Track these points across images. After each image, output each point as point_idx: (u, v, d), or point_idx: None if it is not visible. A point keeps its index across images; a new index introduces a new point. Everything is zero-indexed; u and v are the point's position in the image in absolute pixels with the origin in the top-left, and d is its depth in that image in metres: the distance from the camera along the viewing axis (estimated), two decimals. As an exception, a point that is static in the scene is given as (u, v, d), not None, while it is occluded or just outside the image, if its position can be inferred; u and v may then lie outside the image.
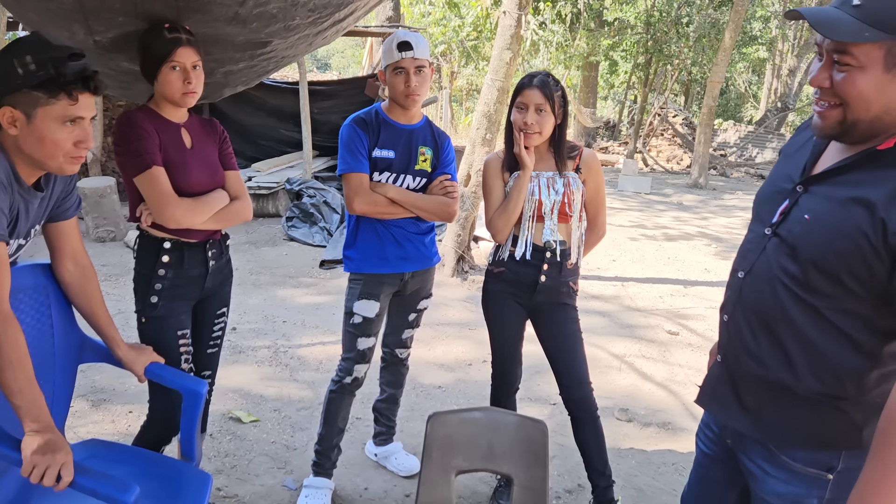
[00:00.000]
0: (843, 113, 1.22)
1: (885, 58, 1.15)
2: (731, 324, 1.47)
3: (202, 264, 2.25)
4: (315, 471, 2.71)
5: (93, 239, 6.96)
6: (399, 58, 2.39)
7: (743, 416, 1.43)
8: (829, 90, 1.23)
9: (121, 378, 3.64)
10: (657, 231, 8.53)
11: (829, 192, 1.28)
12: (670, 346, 4.76)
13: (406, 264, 2.58)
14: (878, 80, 1.17)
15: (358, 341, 2.58)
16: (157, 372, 2.05)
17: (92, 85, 1.59)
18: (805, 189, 1.33)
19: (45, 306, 1.97)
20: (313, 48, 2.83)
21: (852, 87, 1.19)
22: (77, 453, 1.82)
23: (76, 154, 1.62)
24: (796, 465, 1.35)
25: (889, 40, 1.14)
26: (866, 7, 1.15)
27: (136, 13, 1.97)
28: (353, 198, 2.44)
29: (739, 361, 1.43)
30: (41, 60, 1.52)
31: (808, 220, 1.29)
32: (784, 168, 1.44)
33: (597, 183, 2.51)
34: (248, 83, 2.89)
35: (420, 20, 16.03)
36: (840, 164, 1.28)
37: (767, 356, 1.37)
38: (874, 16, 1.14)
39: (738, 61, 20.00)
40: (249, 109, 10.07)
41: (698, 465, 1.68)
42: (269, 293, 5.57)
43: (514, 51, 5.73)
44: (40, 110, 1.55)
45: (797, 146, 1.46)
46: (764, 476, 1.41)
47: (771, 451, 1.40)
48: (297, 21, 2.29)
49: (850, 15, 1.16)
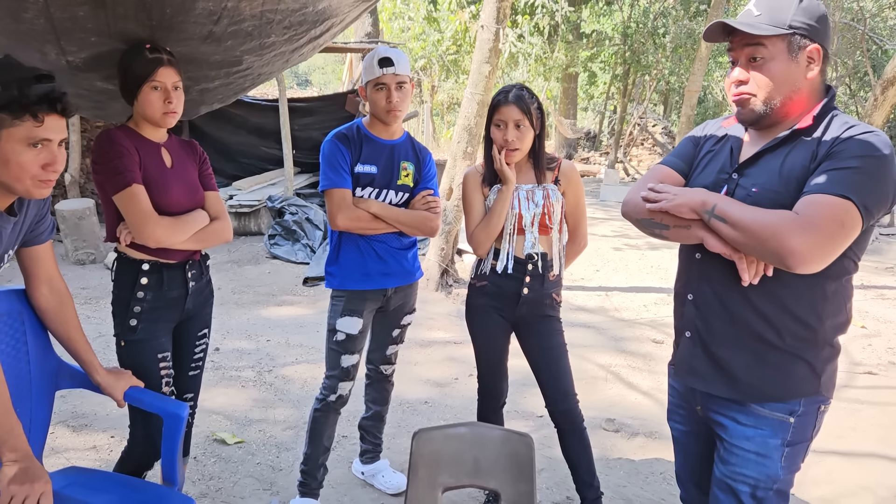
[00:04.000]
0: (758, 96, 1.54)
1: (788, 48, 1.51)
2: (698, 301, 1.68)
3: (182, 285, 2.22)
4: (301, 491, 2.67)
5: (72, 261, 6.88)
6: (380, 74, 2.40)
7: (721, 382, 1.65)
8: (748, 82, 1.55)
9: (102, 403, 3.58)
10: (640, 240, 8.56)
11: (765, 168, 1.57)
12: (655, 355, 4.77)
13: (389, 280, 2.57)
14: (785, 65, 1.51)
15: (342, 359, 2.56)
16: (136, 396, 2.02)
17: (59, 106, 1.55)
18: (740, 174, 1.61)
19: (21, 332, 1.93)
20: (290, 65, 2.82)
21: (767, 73, 1.52)
22: (56, 482, 1.78)
23: (44, 177, 1.58)
24: (764, 410, 1.59)
25: (787, 34, 1.50)
26: (765, 14, 1.52)
27: (109, 33, 1.95)
28: (335, 213, 2.44)
29: (714, 333, 1.65)
30: (6, 82, 1.49)
31: (755, 192, 1.55)
32: (710, 168, 1.70)
33: (576, 194, 2.51)
34: (225, 101, 2.87)
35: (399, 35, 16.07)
36: (769, 146, 1.57)
37: (742, 321, 1.59)
38: (772, 19, 1.51)
39: (715, 70, 20.20)
40: (230, 127, 10.05)
41: (680, 445, 1.92)
42: (252, 312, 5.53)
43: (493, 64, 5.76)
44: (4, 132, 1.51)
45: (705, 153, 1.75)
46: (734, 425, 1.64)
47: (742, 404, 1.62)
48: (273, 39, 2.28)
49: (757, 21, 1.52)
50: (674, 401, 1.90)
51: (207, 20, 1.99)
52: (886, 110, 6.82)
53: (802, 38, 1.50)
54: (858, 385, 4.29)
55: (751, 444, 1.61)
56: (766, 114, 1.56)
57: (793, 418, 1.58)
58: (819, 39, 1.51)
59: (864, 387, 4.26)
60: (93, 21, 1.87)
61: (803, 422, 1.59)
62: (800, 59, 1.51)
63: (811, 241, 1.39)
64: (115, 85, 2.13)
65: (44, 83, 1.53)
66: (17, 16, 1.79)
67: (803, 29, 1.50)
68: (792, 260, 1.40)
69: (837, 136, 1.48)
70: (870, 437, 3.55)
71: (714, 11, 12.81)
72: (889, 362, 4.71)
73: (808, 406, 1.58)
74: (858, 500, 2.94)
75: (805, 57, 1.51)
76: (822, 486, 3.00)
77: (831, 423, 1.72)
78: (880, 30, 16.45)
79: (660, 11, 16.23)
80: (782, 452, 1.59)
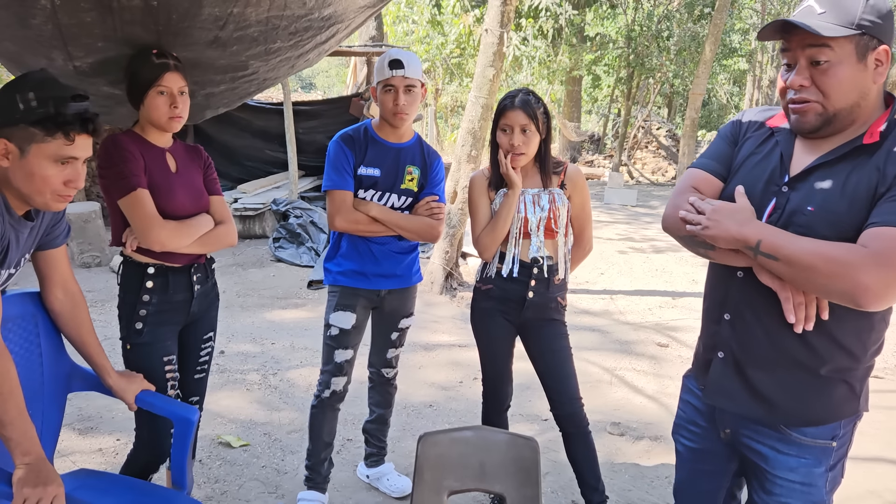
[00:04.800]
0: (823, 105, 1.38)
1: (856, 50, 1.34)
2: (736, 321, 1.56)
3: (187, 289, 2.23)
4: (308, 485, 2.70)
5: (78, 265, 6.90)
6: (389, 75, 2.40)
7: (756, 405, 1.54)
8: (809, 88, 1.39)
9: (107, 406, 3.60)
10: (645, 243, 8.56)
11: (824, 185, 1.41)
12: (660, 359, 4.76)
13: (383, 282, 2.59)
14: (853, 69, 1.35)
15: (335, 353, 2.58)
16: (147, 400, 2.03)
17: (91, 127, 1.59)
18: (792, 188, 1.46)
19: (34, 335, 1.95)
20: (296, 70, 2.83)
21: (833, 79, 1.36)
22: (67, 484, 1.78)
23: (64, 193, 1.62)
24: (806, 439, 1.50)
25: (856, 35, 1.33)
26: (830, 12, 1.35)
27: (116, 38, 1.96)
28: (334, 215, 2.47)
29: (751, 356, 1.54)
30: (43, 98, 1.53)
31: (811, 211, 1.40)
32: (755, 174, 1.54)
33: (582, 198, 2.51)
34: (230, 105, 2.88)
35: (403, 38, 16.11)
36: (828, 159, 1.42)
37: (784, 347, 1.48)
38: (839, 18, 1.34)
39: (719, 73, 20.21)
40: (234, 131, 10.06)
41: (686, 461, 1.79)
42: (257, 315, 5.54)
43: (497, 67, 5.77)
44: (34, 146, 1.54)
45: (747, 153, 1.60)
46: (776, 455, 1.54)
47: (781, 431, 1.52)
48: (279, 44, 2.29)
49: (821, 20, 1.35)
50: (686, 416, 1.78)
51: (213, 25, 2.00)
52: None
53: (871, 38, 1.34)
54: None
55: (795, 474, 1.53)
56: (829, 123, 1.40)
57: (835, 442, 1.50)
58: (887, 39, 1.36)
59: (871, 391, 4.21)
60: (100, 26, 1.88)
61: (843, 442, 1.53)
62: (868, 62, 1.35)
63: (886, 278, 1.27)
64: (122, 90, 2.15)
65: (79, 102, 1.56)
66: (25, 22, 1.81)
67: (873, 28, 1.34)
68: (865, 298, 1.28)
69: None
70: (876, 441, 3.54)
71: (718, 14, 12.84)
72: (895, 366, 4.70)
73: (846, 426, 1.52)
74: (865, 505, 2.94)
75: (873, 60, 1.36)
76: (827, 491, 2.98)
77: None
78: None
79: (664, 14, 16.23)
80: (826, 478, 1.53)
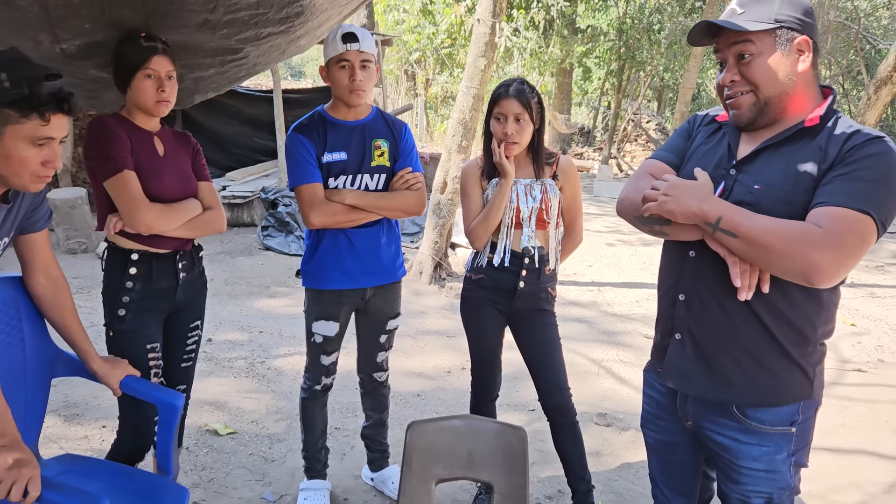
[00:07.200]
0: (754, 96, 1.50)
1: (776, 41, 1.47)
2: (691, 300, 1.62)
3: (172, 276, 2.21)
4: (308, 475, 2.68)
5: (64, 251, 6.84)
6: (343, 49, 2.25)
7: (714, 386, 1.60)
8: (739, 82, 1.51)
9: (93, 392, 3.57)
10: (633, 236, 8.58)
11: (768, 165, 1.51)
12: (647, 351, 4.73)
13: (369, 278, 2.46)
14: (776, 59, 1.47)
15: (321, 358, 2.54)
16: (132, 385, 2.01)
17: (66, 106, 1.55)
18: (739, 170, 1.55)
19: (16, 320, 1.93)
20: (286, 56, 2.81)
21: (758, 69, 1.48)
22: (51, 469, 1.78)
23: (42, 173, 1.59)
24: (765, 427, 1.56)
25: (775, 28, 1.46)
26: (749, 11, 1.49)
27: (103, 20, 1.94)
28: (308, 212, 2.29)
29: (708, 335, 1.60)
30: (16, 78, 1.49)
31: (758, 189, 1.49)
32: (705, 161, 1.63)
33: (574, 190, 2.51)
34: (219, 89, 2.86)
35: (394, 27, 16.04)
36: (772, 142, 1.52)
37: (739, 325, 1.54)
38: (757, 15, 1.47)
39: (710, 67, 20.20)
40: (223, 118, 10.00)
41: (657, 453, 1.87)
42: (244, 303, 5.51)
43: (489, 58, 5.75)
44: (10, 128, 1.51)
45: (698, 144, 1.70)
46: (738, 445, 1.60)
47: (741, 421, 1.58)
48: (269, 29, 2.27)
49: (741, 19, 1.49)
50: (651, 410, 1.86)
51: (203, 8, 1.98)
52: (879, 109, 6.86)
53: (790, 30, 1.46)
54: (847, 382, 4.32)
55: (759, 463, 1.59)
56: (763, 112, 1.51)
57: (794, 428, 1.56)
58: (807, 31, 1.48)
59: (854, 384, 4.29)
60: (87, 8, 1.86)
61: (803, 428, 1.58)
62: (789, 51, 1.47)
63: (836, 258, 1.33)
64: (109, 73, 2.12)
65: (52, 81, 1.53)
66: (10, 3, 1.78)
67: (790, 22, 1.46)
68: (817, 276, 1.34)
69: (846, 139, 1.43)
70: (858, 433, 3.58)
71: (709, 8, 12.83)
72: (878, 360, 4.75)
73: (805, 413, 1.57)
74: (847, 496, 2.97)
75: (794, 49, 1.47)
76: (811, 482, 3.02)
77: (820, 420, 1.73)
78: (874, 29, 16.50)
79: (655, 8, 16.21)
80: (789, 463, 1.59)
